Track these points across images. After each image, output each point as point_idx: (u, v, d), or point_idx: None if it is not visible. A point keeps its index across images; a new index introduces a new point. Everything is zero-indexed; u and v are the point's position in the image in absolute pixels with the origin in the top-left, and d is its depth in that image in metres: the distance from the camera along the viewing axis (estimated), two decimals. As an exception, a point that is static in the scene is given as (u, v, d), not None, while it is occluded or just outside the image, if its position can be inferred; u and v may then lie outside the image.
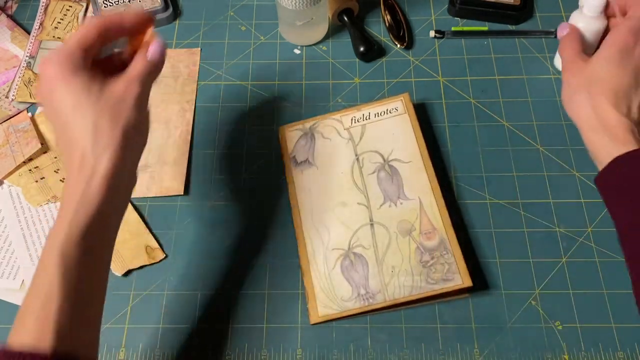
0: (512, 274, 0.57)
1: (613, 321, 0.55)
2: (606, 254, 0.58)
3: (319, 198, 0.61)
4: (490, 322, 0.55)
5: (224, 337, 0.55)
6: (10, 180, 0.64)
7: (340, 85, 0.70)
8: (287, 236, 0.60)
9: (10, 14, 0.77)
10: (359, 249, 0.57)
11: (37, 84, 0.43)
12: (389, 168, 0.61)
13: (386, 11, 0.74)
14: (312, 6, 0.66)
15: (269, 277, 0.58)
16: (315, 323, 0.55)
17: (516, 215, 0.60)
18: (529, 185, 0.62)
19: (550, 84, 0.69)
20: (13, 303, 0.57)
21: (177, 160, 0.65)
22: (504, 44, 0.73)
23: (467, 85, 0.69)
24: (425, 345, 0.54)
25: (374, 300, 0.54)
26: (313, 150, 0.64)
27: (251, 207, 0.62)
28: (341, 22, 0.73)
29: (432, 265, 0.55)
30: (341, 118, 0.65)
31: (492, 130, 0.66)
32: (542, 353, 0.53)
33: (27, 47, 0.73)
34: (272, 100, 0.69)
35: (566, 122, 0.66)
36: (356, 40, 0.71)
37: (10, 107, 0.69)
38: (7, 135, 0.66)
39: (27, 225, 0.61)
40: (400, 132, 0.63)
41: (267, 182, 0.64)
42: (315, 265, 0.57)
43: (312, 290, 0.56)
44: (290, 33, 0.72)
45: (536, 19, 0.75)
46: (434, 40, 0.73)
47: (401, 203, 0.59)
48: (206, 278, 0.58)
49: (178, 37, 0.75)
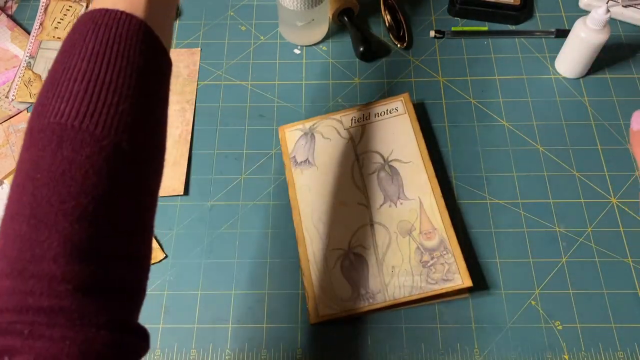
0: (512, 274, 0.57)
1: (613, 321, 0.55)
2: (606, 254, 0.58)
3: (319, 198, 0.61)
4: (490, 322, 0.55)
5: (224, 336, 0.55)
6: (10, 180, 0.64)
7: (340, 85, 0.70)
8: (287, 236, 0.60)
9: (10, 14, 0.77)
10: (359, 249, 0.57)
11: None
12: (389, 168, 0.61)
13: (386, 11, 0.74)
14: (314, 7, 0.66)
15: (269, 277, 0.58)
16: (315, 323, 0.55)
17: (516, 215, 0.60)
18: (529, 185, 0.62)
19: (550, 84, 0.69)
20: (13, 303, 0.57)
21: (177, 160, 0.65)
22: (504, 44, 0.73)
23: (467, 85, 0.69)
24: (425, 345, 0.54)
25: (374, 300, 0.54)
26: (313, 150, 0.64)
27: (251, 208, 0.62)
28: (341, 22, 0.73)
29: (432, 265, 0.55)
30: (341, 118, 0.65)
31: (492, 130, 0.66)
32: (542, 353, 0.53)
33: (27, 47, 0.73)
34: (272, 100, 0.69)
35: (566, 122, 0.66)
36: (356, 41, 0.71)
37: (10, 107, 0.69)
38: (7, 135, 0.66)
39: (27, 225, 0.61)
40: (400, 132, 0.63)
41: (267, 182, 0.64)
42: (315, 265, 0.57)
43: (312, 290, 0.56)
44: (290, 33, 0.72)
45: (536, 19, 0.75)
46: (434, 40, 0.73)
47: (401, 203, 0.59)
48: (206, 278, 0.58)
49: (178, 37, 0.75)
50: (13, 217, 0.30)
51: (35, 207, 0.29)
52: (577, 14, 0.74)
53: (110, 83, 0.32)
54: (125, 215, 0.33)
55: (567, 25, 0.74)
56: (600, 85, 0.69)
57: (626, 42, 0.72)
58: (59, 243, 0.29)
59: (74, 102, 0.31)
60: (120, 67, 0.33)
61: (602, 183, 0.62)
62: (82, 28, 0.34)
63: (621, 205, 0.61)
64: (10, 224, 0.30)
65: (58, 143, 0.30)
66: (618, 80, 0.69)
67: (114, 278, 0.32)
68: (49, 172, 0.30)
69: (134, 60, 0.34)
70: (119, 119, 0.32)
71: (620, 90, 0.68)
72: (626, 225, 0.60)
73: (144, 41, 0.35)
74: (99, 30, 0.34)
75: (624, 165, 0.63)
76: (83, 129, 0.30)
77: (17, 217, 0.30)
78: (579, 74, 0.69)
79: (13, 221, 0.30)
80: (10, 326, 0.28)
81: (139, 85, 0.34)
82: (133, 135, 0.33)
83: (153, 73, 0.36)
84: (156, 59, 0.36)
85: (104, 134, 0.31)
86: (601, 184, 0.62)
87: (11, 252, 0.29)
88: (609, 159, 0.64)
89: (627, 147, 0.64)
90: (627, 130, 0.65)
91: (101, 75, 0.32)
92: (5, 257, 0.29)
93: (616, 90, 0.68)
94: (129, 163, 0.33)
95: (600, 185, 0.62)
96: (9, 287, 0.28)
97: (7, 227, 0.30)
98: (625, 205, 0.61)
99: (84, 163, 0.30)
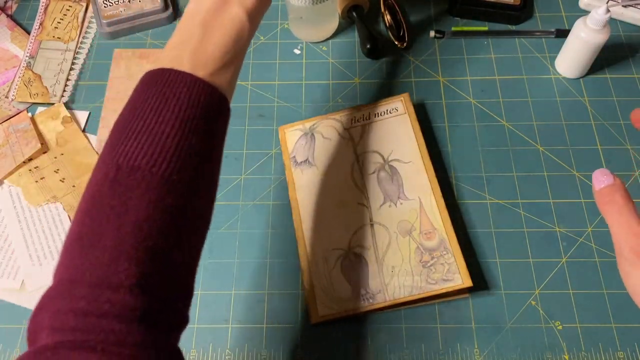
0: (512, 274, 0.57)
1: (613, 321, 0.55)
2: (606, 254, 0.58)
3: (319, 198, 0.61)
4: (490, 322, 0.55)
5: (224, 336, 0.55)
6: (10, 180, 0.64)
7: (340, 85, 0.70)
8: (287, 236, 0.60)
9: (10, 14, 0.77)
10: (359, 249, 0.57)
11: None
12: (389, 168, 0.61)
13: (386, 11, 0.74)
14: (320, 2, 0.66)
15: (269, 277, 0.58)
16: (315, 323, 0.55)
17: (516, 215, 0.60)
18: (529, 185, 0.62)
19: (550, 84, 0.69)
20: (13, 303, 0.57)
21: (177, 160, 0.65)
22: (504, 44, 0.73)
23: (467, 85, 0.69)
24: (425, 345, 0.54)
25: (374, 300, 0.54)
26: (313, 150, 0.64)
27: (251, 208, 0.62)
28: (350, 18, 0.74)
29: (432, 265, 0.55)
30: (341, 118, 0.65)
31: (492, 130, 0.66)
32: (542, 353, 0.53)
33: (27, 47, 0.73)
34: (272, 100, 0.69)
35: (566, 122, 0.66)
36: (364, 38, 0.71)
37: (10, 107, 0.69)
38: (7, 135, 0.66)
39: (27, 225, 0.61)
40: (400, 132, 0.63)
41: (267, 182, 0.64)
42: (315, 265, 0.57)
43: (312, 290, 0.56)
44: (301, 30, 0.72)
45: (536, 19, 0.75)
46: (434, 40, 0.73)
47: (401, 203, 0.59)
48: (206, 278, 0.58)
49: (178, 37, 0.74)
50: (94, 246, 0.33)
51: (119, 242, 0.33)
52: (577, 14, 0.74)
53: (190, 147, 0.37)
54: (188, 255, 0.37)
55: (567, 25, 0.74)
56: (600, 85, 0.69)
57: (626, 42, 0.72)
58: (136, 276, 0.33)
59: (164, 158, 0.36)
60: (199, 132, 0.38)
61: (602, 183, 0.62)
62: (160, 90, 0.38)
63: (621, 205, 0.61)
64: (92, 252, 0.33)
65: (147, 188, 0.35)
66: (618, 80, 0.69)
67: (173, 309, 0.36)
68: (137, 212, 0.34)
69: (210, 127, 0.39)
70: (195, 175, 0.37)
71: (620, 90, 0.68)
72: (626, 225, 0.60)
73: (219, 110, 0.40)
74: (178, 100, 0.38)
75: (624, 165, 0.63)
76: (166, 178, 0.35)
77: (99, 246, 0.33)
78: (579, 74, 0.69)
79: (94, 249, 0.33)
80: (84, 343, 0.31)
81: (212, 145, 0.40)
82: (200, 184, 0.38)
83: (221, 132, 0.42)
84: (225, 119, 0.42)
85: (182, 184, 0.36)
86: (601, 184, 0.62)
87: (91, 277, 0.33)
88: (609, 159, 0.64)
89: (627, 147, 0.64)
90: (627, 130, 0.65)
91: (185, 140, 0.37)
92: (84, 281, 0.33)
93: (616, 90, 0.68)
94: (194, 209, 0.38)
95: (600, 185, 0.62)
96: (85, 309, 0.32)
97: (88, 253, 0.33)
98: (625, 205, 0.61)
99: (166, 208, 0.35)
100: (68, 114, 0.68)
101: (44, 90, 0.70)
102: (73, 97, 0.70)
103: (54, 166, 0.65)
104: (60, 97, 0.69)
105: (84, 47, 0.74)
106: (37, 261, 0.59)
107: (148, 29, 0.76)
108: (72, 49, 0.73)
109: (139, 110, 0.38)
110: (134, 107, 0.38)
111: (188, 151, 0.37)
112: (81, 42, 0.74)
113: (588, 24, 0.62)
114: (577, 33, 0.64)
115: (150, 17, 0.75)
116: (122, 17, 0.74)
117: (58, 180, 0.64)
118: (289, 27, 0.74)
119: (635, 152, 0.64)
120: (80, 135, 0.67)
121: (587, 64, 0.67)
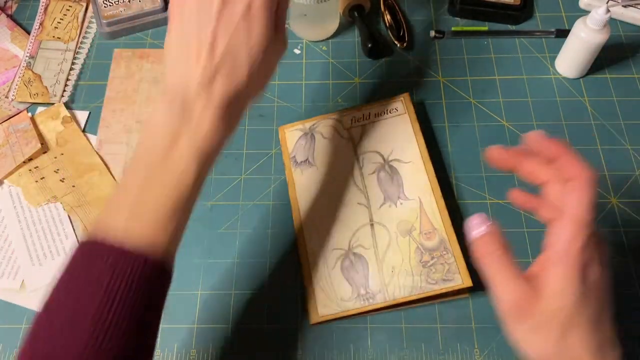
0: (512, 274, 0.57)
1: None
2: (606, 254, 0.58)
3: (319, 198, 0.61)
4: (490, 322, 0.55)
5: (223, 337, 0.55)
6: (10, 180, 0.64)
7: (340, 85, 0.70)
8: (287, 236, 0.60)
9: (10, 14, 0.77)
10: (359, 249, 0.57)
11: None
12: (389, 168, 0.61)
13: (386, 11, 0.74)
14: (324, 1, 0.66)
15: (269, 277, 0.58)
16: (315, 323, 0.55)
17: (516, 215, 0.60)
18: (529, 185, 0.62)
19: (550, 84, 0.69)
20: (13, 303, 0.57)
21: (177, 160, 0.65)
22: (504, 44, 0.73)
23: (467, 85, 0.69)
24: (425, 345, 0.54)
25: (374, 300, 0.54)
26: (313, 150, 0.64)
27: (251, 208, 0.62)
28: (351, 17, 0.74)
29: (432, 265, 0.55)
30: (341, 118, 0.65)
31: (492, 130, 0.66)
32: (542, 353, 0.53)
33: (27, 47, 0.73)
34: (272, 100, 0.69)
35: (566, 122, 0.66)
36: (364, 37, 0.71)
37: (10, 107, 0.69)
38: (7, 135, 0.66)
39: (27, 225, 0.61)
40: (401, 132, 0.63)
41: (267, 182, 0.64)
42: (315, 265, 0.57)
43: (311, 290, 0.56)
44: (301, 28, 0.72)
45: (536, 19, 0.75)
46: (434, 41, 0.73)
47: (401, 203, 0.59)
48: (206, 278, 0.58)
49: (178, 37, 0.74)
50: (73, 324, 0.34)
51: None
52: (577, 14, 0.74)
53: (121, 321, 0.36)
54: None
55: (567, 25, 0.74)
56: (600, 85, 0.69)
57: (626, 42, 0.72)
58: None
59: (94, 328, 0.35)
60: (133, 305, 0.36)
61: (602, 183, 0.62)
62: (96, 265, 0.37)
63: (621, 205, 0.61)
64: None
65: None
66: (618, 80, 0.69)
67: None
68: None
69: (144, 299, 0.37)
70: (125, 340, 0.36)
71: (620, 90, 0.68)
72: (626, 225, 0.60)
73: (159, 283, 0.39)
74: (113, 273, 0.36)
75: (624, 165, 0.63)
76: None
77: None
78: (579, 74, 0.69)
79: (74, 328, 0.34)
80: None
81: (144, 316, 0.37)
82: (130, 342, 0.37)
83: (161, 296, 0.40)
84: (165, 286, 0.40)
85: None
86: (601, 184, 0.62)
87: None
88: (609, 159, 0.64)
89: (627, 147, 0.64)
90: (627, 130, 0.65)
91: (113, 316, 0.35)
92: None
93: (616, 90, 0.68)
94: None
95: (600, 185, 0.62)
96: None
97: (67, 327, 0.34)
98: (625, 206, 0.61)
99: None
100: (68, 114, 0.68)
101: (44, 90, 0.70)
102: (73, 97, 0.70)
103: (54, 166, 0.65)
104: (60, 97, 0.69)
105: (84, 47, 0.74)
106: (37, 261, 0.59)
107: (148, 29, 0.76)
108: (72, 49, 0.73)
109: (69, 289, 0.36)
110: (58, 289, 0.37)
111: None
112: (81, 42, 0.74)
113: (588, 24, 0.62)
114: (577, 33, 0.64)
115: (150, 17, 0.75)
116: (122, 17, 0.74)
117: (58, 180, 0.64)
118: (289, 27, 0.74)
119: (635, 152, 0.64)
120: (80, 135, 0.67)
121: (587, 64, 0.67)
